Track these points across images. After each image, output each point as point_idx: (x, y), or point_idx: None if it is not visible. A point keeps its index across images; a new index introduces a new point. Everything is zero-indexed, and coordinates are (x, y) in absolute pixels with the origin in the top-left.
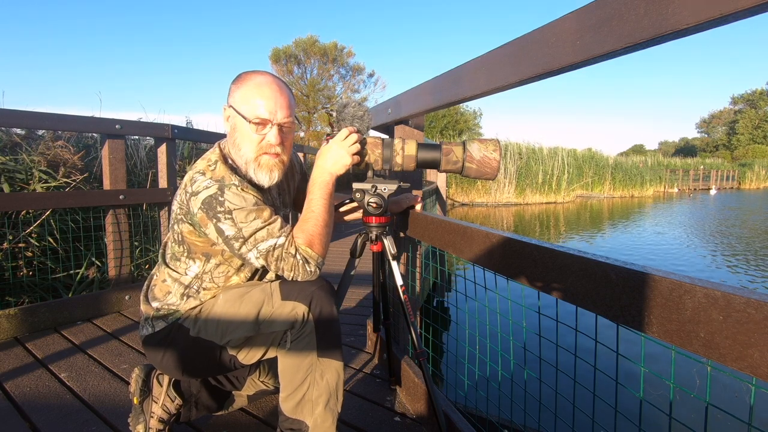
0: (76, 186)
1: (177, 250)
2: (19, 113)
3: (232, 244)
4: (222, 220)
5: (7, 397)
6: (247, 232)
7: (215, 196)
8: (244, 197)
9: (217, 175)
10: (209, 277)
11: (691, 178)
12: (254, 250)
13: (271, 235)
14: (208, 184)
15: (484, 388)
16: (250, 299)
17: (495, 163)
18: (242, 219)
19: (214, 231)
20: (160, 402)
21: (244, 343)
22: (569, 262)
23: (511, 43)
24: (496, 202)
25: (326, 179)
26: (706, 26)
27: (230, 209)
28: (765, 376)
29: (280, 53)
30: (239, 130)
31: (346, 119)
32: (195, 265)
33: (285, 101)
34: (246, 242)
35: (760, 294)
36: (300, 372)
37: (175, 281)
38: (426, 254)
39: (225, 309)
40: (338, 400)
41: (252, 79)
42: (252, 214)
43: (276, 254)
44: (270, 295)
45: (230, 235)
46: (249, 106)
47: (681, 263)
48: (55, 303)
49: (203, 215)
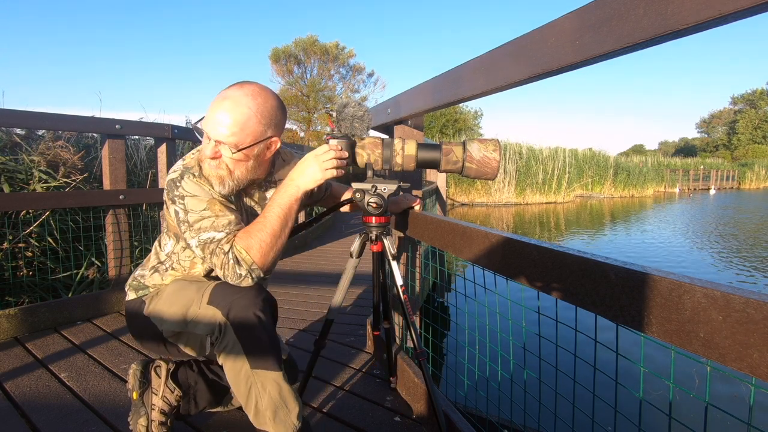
0: (76, 186)
1: (164, 226)
2: (19, 113)
3: (181, 227)
4: (176, 203)
5: (7, 397)
6: (192, 218)
7: (175, 180)
8: (201, 186)
9: (188, 164)
10: (177, 258)
11: (691, 178)
12: (196, 238)
13: (213, 228)
14: (177, 168)
15: (484, 388)
16: (185, 295)
17: (495, 163)
18: (192, 206)
19: (172, 212)
20: (160, 393)
21: (178, 335)
22: (569, 262)
23: (511, 43)
24: (495, 202)
25: (291, 191)
26: (706, 26)
27: (183, 195)
28: (764, 376)
29: (280, 53)
30: None
31: (346, 119)
32: (170, 242)
33: (223, 120)
34: (191, 228)
35: (760, 294)
36: (241, 383)
37: (155, 255)
38: (426, 254)
39: (166, 298)
40: (290, 410)
41: (220, 96)
42: (202, 204)
43: (211, 248)
44: (201, 296)
45: (181, 217)
46: (207, 116)
47: (680, 262)
48: (55, 303)
49: (166, 196)
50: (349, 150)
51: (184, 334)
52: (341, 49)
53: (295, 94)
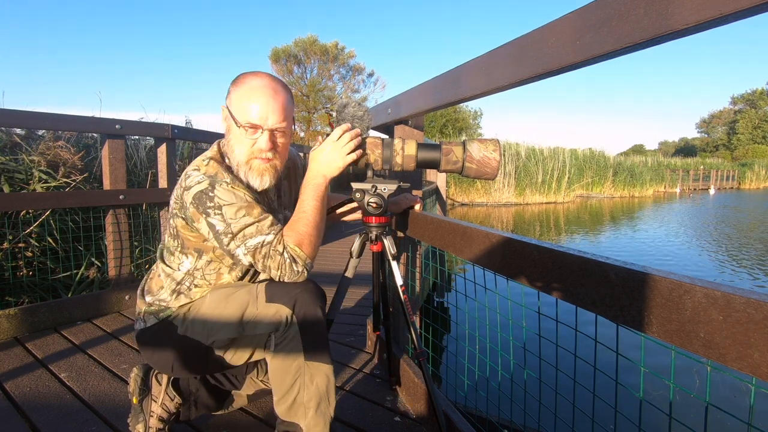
0: (76, 186)
1: (172, 245)
2: (19, 113)
3: (221, 240)
4: (212, 215)
5: (7, 397)
6: (236, 228)
7: (206, 191)
8: (235, 193)
9: (210, 171)
10: (201, 274)
11: (691, 178)
12: (242, 246)
13: (260, 232)
14: (200, 179)
15: (484, 388)
16: (235, 300)
17: (495, 163)
18: (232, 215)
19: (205, 226)
20: (159, 401)
21: (229, 344)
22: (569, 262)
23: (511, 43)
24: (495, 202)
25: (319, 181)
26: (706, 26)
27: (220, 204)
28: (765, 376)
29: (280, 53)
30: (232, 133)
31: (346, 119)
32: (187, 260)
33: (278, 105)
34: (235, 238)
35: (760, 294)
36: (289, 375)
37: (168, 276)
38: (426, 254)
39: (211, 309)
40: (330, 403)
41: (248, 81)
42: (242, 211)
43: (264, 251)
44: (255, 297)
45: (220, 230)
46: (242, 110)
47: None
48: (55, 303)
49: (194, 210)
50: None
51: (237, 341)
52: (341, 49)
53: (294, 94)
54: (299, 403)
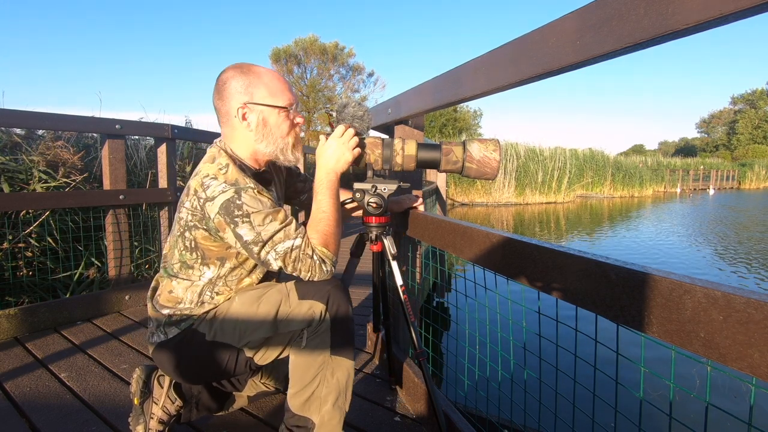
0: (76, 186)
1: (189, 258)
2: (19, 113)
3: (251, 249)
4: (240, 225)
5: (7, 397)
6: (265, 235)
7: (233, 200)
8: (261, 200)
9: (231, 179)
10: (223, 282)
11: (691, 178)
12: (272, 252)
13: (288, 237)
14: (224, 188)
15: (484, 388)
16: (267, 300)
17: (495, 163)
18: (260, 222)
19: (232, 236)
20: (160, 403)
21: (262, 343)
22: (569, 262)
23: (512, 43)
24: (495, 202)
25: (331, 178)
26: (706, 26)
27: (248, 212)
28: (765, 376)
29: (281, 53)
30: (271, 122)
31: (346, 119)
32: (209, 270)
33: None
34: (265, 245)
35: (760, 294)
36: (311, 369)
37: (187, 290)
38: (426, 254)
39: (243, 310)
40: (347, 398)
41: (260, 72)
42: (269, 217)
43: (294, 255)
44: (287, 295)
45: (249, 239)
46: (277, 94)
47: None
48: (55, 303)
49: (221, 220)
50: None
51: (270, 340)
52: (341, 49)
53: (295, 94)
54: (316, 397)
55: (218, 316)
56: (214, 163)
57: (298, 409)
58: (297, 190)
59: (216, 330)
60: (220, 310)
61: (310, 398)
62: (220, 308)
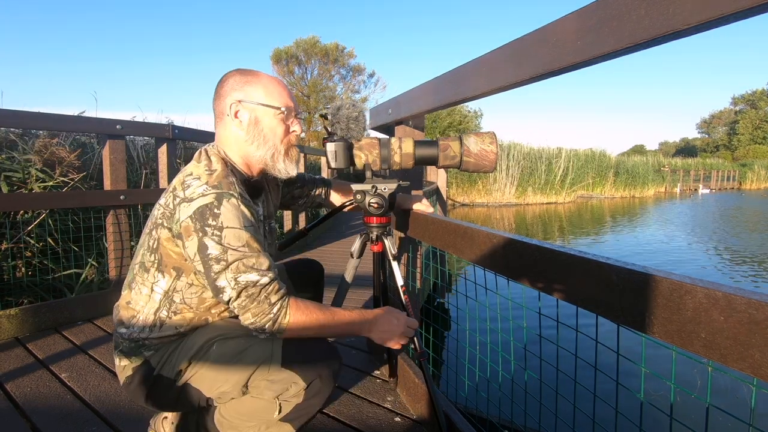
0: (74, 185)
1: (148, 259)
2: (19, 113)
3: (210, 266)
4: (208, 235)
5: (7, 398)
6: (231, 257)
7: (210, 207)
8: (243, 214)
9: (214, 182)
10: (180, 297)
11: (691, 178)
12: (232, 280)
13: (255, 270)
14: (205, 190)
15: (484, 388)
16: (249, 356)
17: (492, 155)
18: (232, 240)
19: (194, 245)
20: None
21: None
22: (570, 263)
23: (512, 44)
24: (496, 203)
25: (362, 328)
26: (706, 26)
27: (222, 225)
28: (766, 377)
29: (281, 53)
30: (263, 123)
31: (341, 121)
32: (163, 279)
33: None
34: (227, 268)
35: (761, 294)
36: (252, 420)
37: (146, 304)
38: (426, 254)
39: (220, 364)
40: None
41: (261, 75)
42: (242, 238)
43: (251, 292)
44: (270, 356)
45: (213, 254)
46: (275, 96)
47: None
48: (55, 303)
49: (189, 225)
50: (347, 152)
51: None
52: (341, 50)
53: (295, 94)
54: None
55: (192, 361)
56: (201, 163)
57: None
58: (294, 197)
59: (187, 377)
60: (193, 353)
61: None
62: (193, 350)
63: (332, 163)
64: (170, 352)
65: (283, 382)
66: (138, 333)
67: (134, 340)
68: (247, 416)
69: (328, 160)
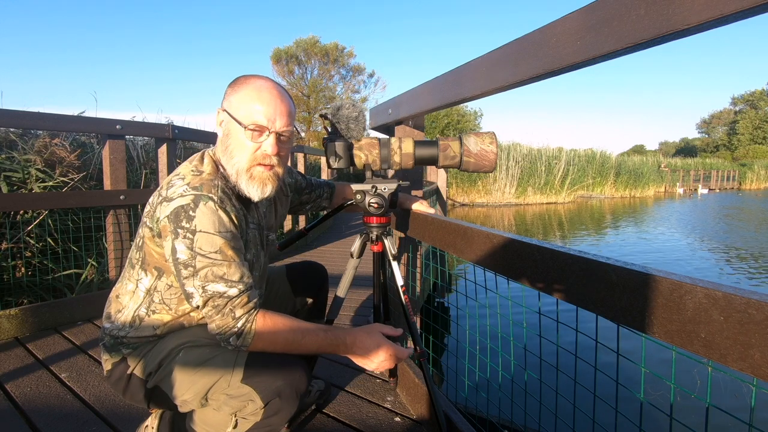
0: (74, 185)
1: (135, 256)
2: (19, 113)
3: (180, 270)
4: (180, 238)
5: (7, 398)
6: (199, 264)
7: (186, 208)
8: (220, 219)
9: (196, 182)
10: (159, 297)
11: (692, 178)
12: (200, 289)
13: (224, 281)
14: (184, 191)
15: (484, 388)
16: (210, 368)
17: (492, 155)
18: (203, 246)
19: (169, 246)
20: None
21: None
22: (570, 263)
23: (512, 44)
24: (496, 203)
25: (343, 344)
26: (706, 26)
27: (195, 229)
28: (766, 377)
29: (282, 53)
30: (233, 137)
31: (342, 121)
32: (146, 278)
33: (285, 109)
34: (195, 275)
35: (761, 294)
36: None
37: (131, 298)
38: (426, 254)
39: (185, 371)
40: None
41: (251, 83)
42: (215, 245)
43: (217, 303)
44: (232, 370)
45: (181, 258)
46: (246, 111)
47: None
48: (55, 303)
49: (166, 225)
50: (347, 152)
51: None
52: (341, 50)
53: (295, 94)
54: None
55: (162, 364)
56: (192, 164)
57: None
58: (302, 202)
59: (156, 380)
60: (163, 356)
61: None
62: (163, 353)
63: (332, 163)
64: (145, 353)
65: (241, 398)
66: (118, 330)
67: (114, 336)
68: (210, 427)
69: (328, 160)
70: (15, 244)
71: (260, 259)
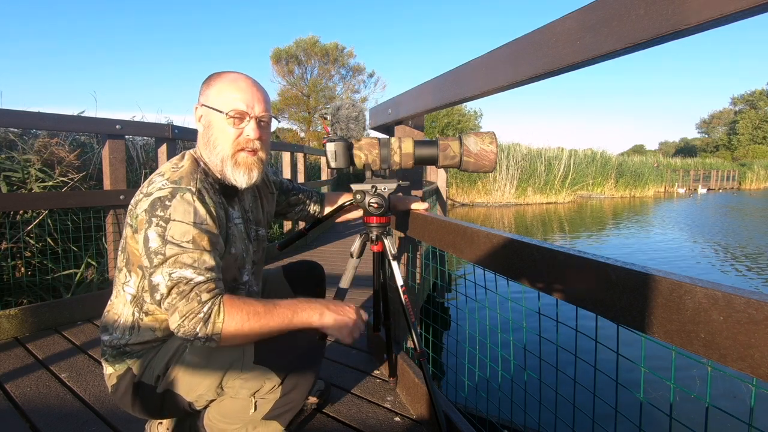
0: (73, 185)
1: (120, 259)
2: (19, 113)
3: (151, 258)
4: (153, 226)
5: (7, 398)
6: (169, 251)
7: (163, 199)
8: (196, 210)
9: (175, 177)
10: (149, 297)
11: (691, 178)
12: (166, 275)
13: (192, 267)
14: (163, 185)
15: (484, 388)
16: (218, 357)
17: (492, 155)
18: (175, 234)
19: (142, 237)
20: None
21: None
22: (570, 263)
23: (512, 44)
24: (496, 203)
25: (312, 318)
26: (706, 26)
27: (169, 218)
28: (765, 377)
29: (281, 53)
30: (214, 127)
31: (341, 121)
32: (131, 279)
33: (261, 96)
34: (165, 262)
35: (761, 294)
36: (235, 422)
37: (124, 306)
38: (426, 254)
39: (194, 365)
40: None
41: (225, 76)
42: (188, 234)
43: (182, 289)
44: (242, 353)
45: (152, 247)
46: (224, 99)
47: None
48: (55, 303)
49: (143, 218)
50: (347, 152)
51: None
52: (341, 50)
53: (295, 94)
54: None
55: (170, 364)
56: (172, 161)
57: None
58: (290, 204)
59: (166, 383)
60: (170, 356)
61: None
62: (170, 353)
63: (332, 163)
64: (150, 359)
65: (256, 379)
66: (118, 339)
67: (116, 347)
68: (230, 417)
69: (328, 160)
70: (15, 244)
71: (249, 252)
